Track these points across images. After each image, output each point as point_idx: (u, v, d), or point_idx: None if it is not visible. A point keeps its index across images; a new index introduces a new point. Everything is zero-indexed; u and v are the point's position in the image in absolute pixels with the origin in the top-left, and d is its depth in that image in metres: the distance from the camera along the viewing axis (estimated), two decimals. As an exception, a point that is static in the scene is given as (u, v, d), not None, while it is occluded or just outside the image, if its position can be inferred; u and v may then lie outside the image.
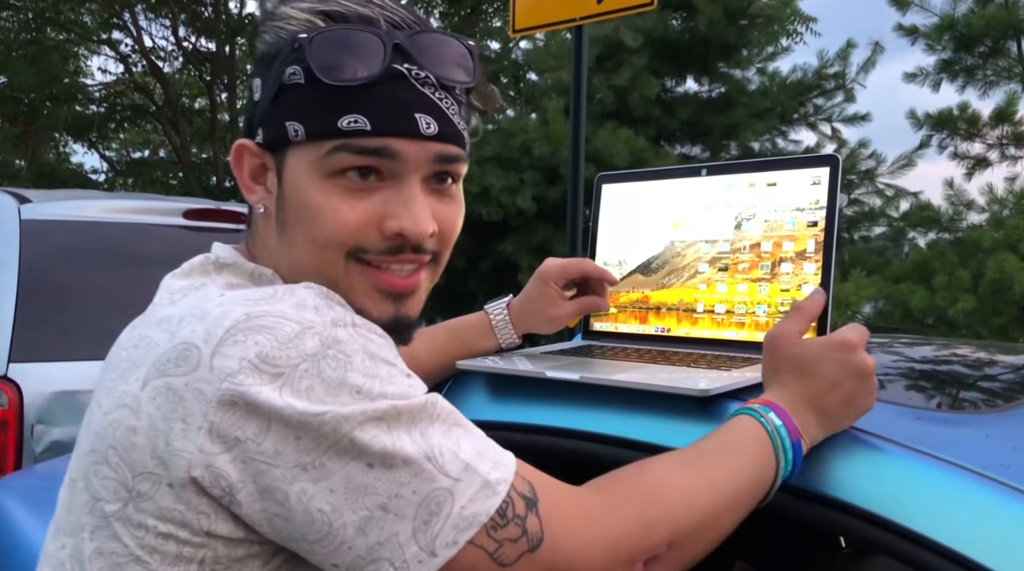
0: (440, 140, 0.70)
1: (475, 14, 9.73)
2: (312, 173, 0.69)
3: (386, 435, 0.61)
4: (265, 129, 0.72)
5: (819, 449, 0.78)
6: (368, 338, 0.64)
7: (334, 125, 0.68)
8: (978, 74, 5.58)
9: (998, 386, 1.14)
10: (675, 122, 5.88)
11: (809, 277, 0.98)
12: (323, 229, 0.69)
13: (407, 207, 0.70)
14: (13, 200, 2.73)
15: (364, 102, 0.67)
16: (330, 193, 0.69)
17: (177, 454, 0.60)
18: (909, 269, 4.85)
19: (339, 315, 0.64)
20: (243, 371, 0.60)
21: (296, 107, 0.69)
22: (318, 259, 0.71)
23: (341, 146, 0.68)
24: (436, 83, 0.70)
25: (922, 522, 0.68)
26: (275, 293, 0.65)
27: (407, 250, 0.71)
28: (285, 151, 0.71)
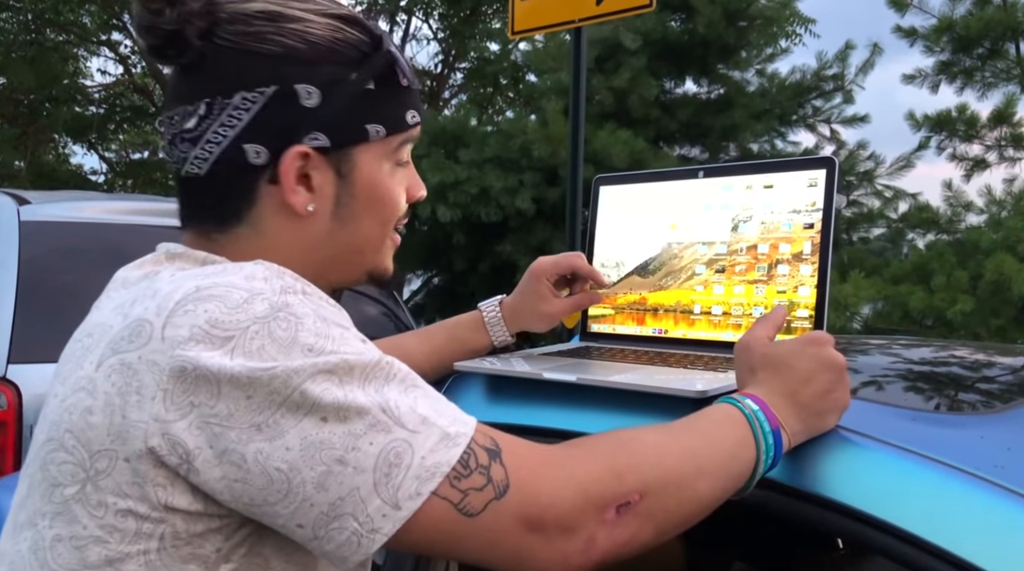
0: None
1: (474, 15, 9.73)
2: (384, 164, 0.78)
3: (338, 388, 0.61)
4: (332, 133, 0.74)
5: (814, 450, 0.79)
6: (319, 304, 0.66)
7: (404, 121, 0.79)
8: (976, 75, 5.58)
9: (995, 387, 1.14)
10: (674, 123, 5.88)
11: (805, 279, 0.98)
12: (391, 209, 0.80)
13: (416, 179, 0.84)
14: (12, 201, 2.73)
15: (415, 99, 0.80)
16: (395, 178, 0.80)
17: (134, 426, 0.61)
18: (908, 270, 4.86)
19: (288, 284, 0.66)
20: (193, 338, 0.61)
21: (376, 110, 0.76)
22: (380, 233, 0.81)
23: (407, 138, 0.80)
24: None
25: (916, 523, 0.69)
26: (224, 268, 0.67)
27: (409, 214, 0.83)
28: (350, 151, 0.76)
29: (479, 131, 5.87)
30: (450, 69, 10.48)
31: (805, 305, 0.98)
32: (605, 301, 1.18)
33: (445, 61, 10.34)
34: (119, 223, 2.79)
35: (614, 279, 1.17)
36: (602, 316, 1.18)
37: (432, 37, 10.31)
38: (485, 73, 9.10)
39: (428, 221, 5.57)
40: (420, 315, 6.06)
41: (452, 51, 10.14)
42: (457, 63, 10.43)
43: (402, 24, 10.20)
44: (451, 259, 5.70)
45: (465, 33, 9.50)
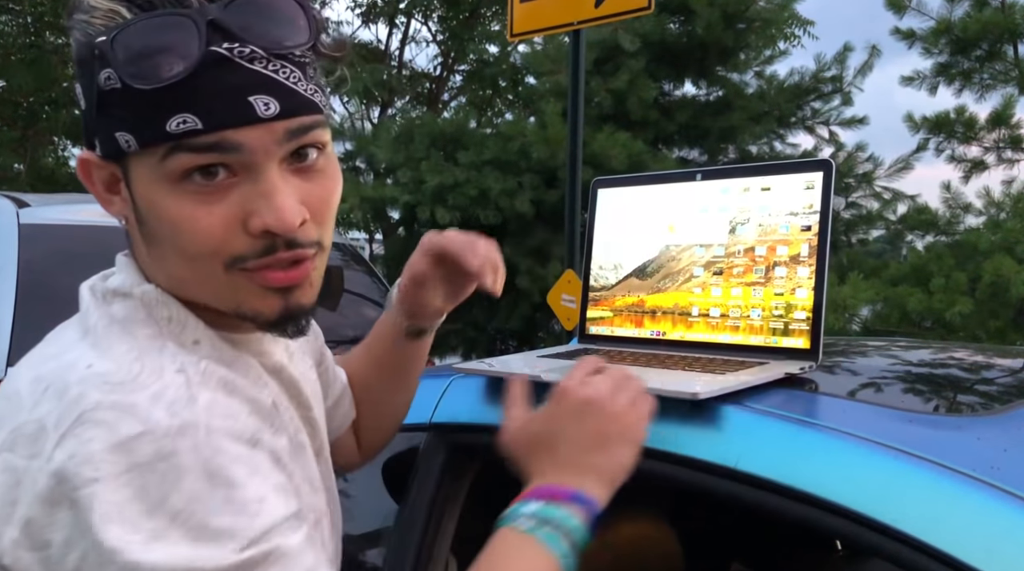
0: (285, 117, 0.62)
1: (473, 18, 9.74)
2: (157, 183, 0.62)
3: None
4: (101, 141, 0.64)
5: (812, 451, 0.79)
6: (218, 449, 0.58)
7: (163, 130, 0.59)
8: (975, 77, 5.59)
9: (992, 389, 1.14)
10: (673, 125, 5.89)
11: (803, 281, 0.99)
12: (189, 241, 0.63)
13: (267, 200, 0.62)
14: (12, 204, 2.74)
15: (189, 98, 0.59)
16: (182, 201, 0.61)
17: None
18: (907, 272, 4.86)
19: (194, 417, 0.58)
20: (71, 473, 0.55)
21: (121, 116, 0.61)
22: (195, 272, 0.65)
23: (175, 147, 0.60)
24: (267, 55, 0.61)
25: (912, 524, 0.69)
26: (139, 375, 0.60)
27: (280, 248, 0.63)
28: (126, 161, 0.63)
29: (478, 133, 5.88)
30: (449, 71, 10.49)
31: (803, 307, 0.98)
32: (604, 303, 1.18)
33: (444, 63, 10.34)
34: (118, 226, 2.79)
35: (612, 282, 1.18)
36: (600, 318, 1.18)
37: (431, 39, 10.32)
38: (484, 75, 9.11)
39: (427, 223, 5.57)
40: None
41: (451, 53, 10.15)
42: (456, 65, 10.44)
43: (401, 26, 10.21)
44: (451, 261, 5.69)
45: (464, 35, 9.51)
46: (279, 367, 0.75)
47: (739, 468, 0.80)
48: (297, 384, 0.77)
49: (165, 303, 0.67)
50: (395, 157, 5.68)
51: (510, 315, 5.53)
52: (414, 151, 5.63)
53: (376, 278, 3.78)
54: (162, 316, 0.66)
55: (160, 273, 0.68)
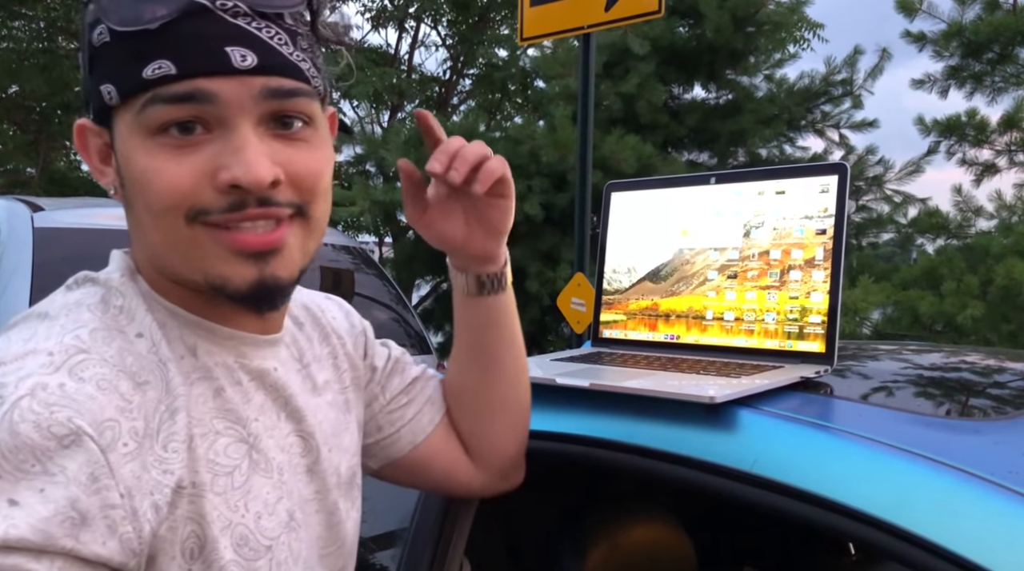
0: (264, 73, 0.61)
1: (483, 22, 9.76)
2: (135, 136, 0.62)
3: None
4: (91, 101, 0.64)
5: (828, 455, 0.79)
6: (17, 430, 0.53)
7: (140, 76, 0.60)
8: (986, 80, 5.57)
9: (1007, 393, 1.14)
10: (682, 129, 5.89)
11: (818, 284, 0.99)
12: (154, 195, 0.61)
13: (238, 155, 0.61)
14: (26, 208, 2.76)
15: (167, 45, 0.59)
16: (155, 154, 0.61)
17: None
18: (917, 275, 4.84)
19: (9, 391, 0.55)
20: None
21: (107, 68, 0.62)
22: (160, 230, 0.63)
23: (152, 98, 0.60)
24: (250, 12, 0.61)
25: (930, 528, 0.69)
26: (21, 355, 0.58)
27: (251, 204, 0.62)
28: (112, 120, 0.63)
29: (487, 137, 5.88)
30: (458, 75, 10.51)
31: (818, 311, 0.98)
32: (617, 307, 1.18)
33: (453, 67, 10.36)
34: (131, 229, 2.81)
35: (626, 285, 1.18)
36: (614, 322, 1.19)
37: (441, 43, 10.35)
38: (493, 79, 9.11)
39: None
40: (429, 321, 6.06)
41: (460, 57, 10.17)
42: (465, 69, 10.46)
43: (411, 31, 10.24)
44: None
45: (473, 39, 9.52)
46: (261, 372, 0.71)
47: (755, 472, 0.80)
48: (286, 391, 0.73)
49: (122, 292, 0.66)
50: (405, 161, 5.68)
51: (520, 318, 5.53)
52: (424, 155, 5.63)
53: (387, 281, 3.79)
54: (115, 304, 0.65)
55: (138, 244, 0.67)
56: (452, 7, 9.54)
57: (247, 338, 0.70)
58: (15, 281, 2.50)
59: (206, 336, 0.68)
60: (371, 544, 1.25)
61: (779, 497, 0.79)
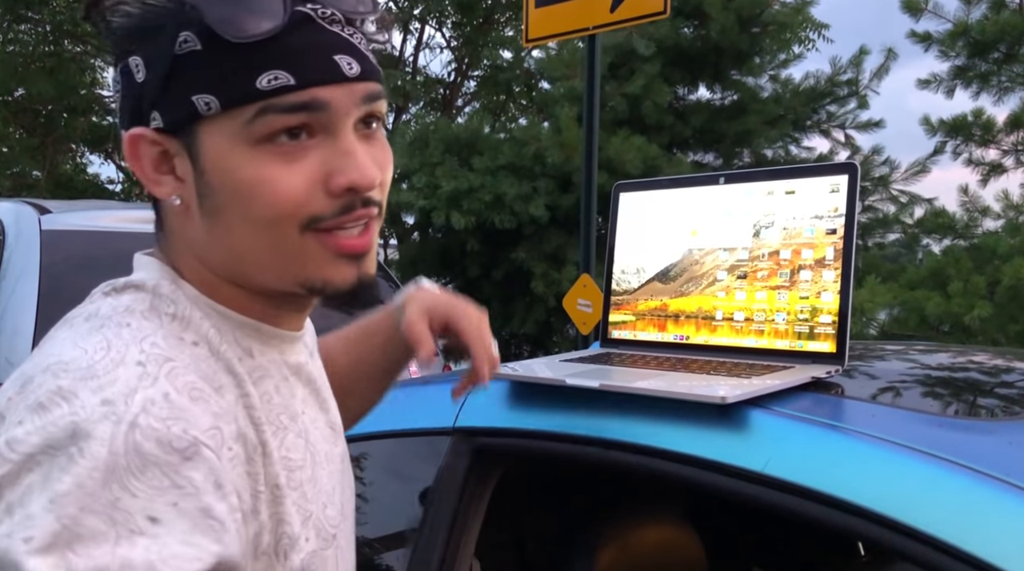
0: (364, 79, 0.63)
1: (487, 24, 9.76)
2: (236, 146, 0.61)
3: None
4: (164, 111, 0.62)
5: (840, 455, 0.79)
6: (134, 448, 0.53)
7: (252, 87, 0.59)
8: (992, 80, 5.55)
9: (1015, 393, 1.13)
10: (688, 129, 5.89)
11: (828, 284, 0.98)
12: (266, 206, 0.61)
13: (349, 159, 0.62)
14: (34, 211, 2.77)
15: (278, 55, 0.59)
16: (263, 164, 0.61)
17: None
18: (924, 275, 4.83)
19: (123, 409, 0.54)
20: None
21: (201, 77, 0.60)
22: (267, 240, 0.63)
23: (265, 108, 0.59)
24: (343, 19, 0.63)
25: (944, 528, 0.68)
26: (98, 364, 0.57)
27: (358, 206, 0.63)
28: (194, 130, 0.62)
29: (492, 138, 5.89)
30: (463, 77, 10.52)
31: (828, 311, 0.98)
32: (626, 307, 1.18)
33: (458, 69, 10.37)
34: (138, 232, 2.81)
35: (635, 286, 1.17)
36: (623, 322, 1.18)
37: (445, 45, 10.36)
38: (498, 81, 9.12)
39: (442, 228, 5.58)
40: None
41: (465, 59, 10.18)
42: (470, 71, 10.46)
43: (415, 32, 10.25)
44: (465, 266, 5.71)
45: (478, 41, 9.53)
46: (299, 366, 0.73)
47: (767, 472, 0.80)
48: (316, 383, 0.75)
49: (173, 300, 0.65)
50: (410, 162, 5.70)
51: (525, 319, 5.53)
52: (429, 156, 5.65)
53: (392, 282, 3.80)
54: (166, 312, 0.64)
55: (217, 252, 0.65)
56: (457, 9, 9.55)
57: (286, 336, 0.71)
58: (23, 283, 2.51)
59: (255, 336, 0.69)
60: (377, 545, 1.25)
61: (791, 497, 0.78)
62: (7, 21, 9.34)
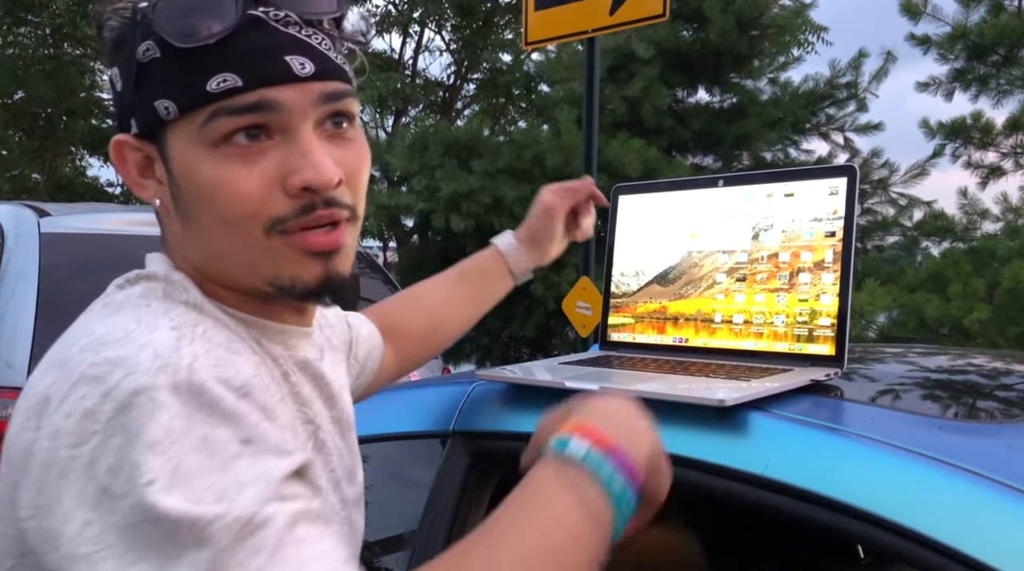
0: (320, 78, 0.64)
1: (486, 27, 9.77)
2: (196, 149, 0.63)
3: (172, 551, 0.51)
4: (138, 117, 0.65)
5: (840, 457, 0.78)
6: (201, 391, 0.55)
7: (203, 90, 0.61)
8: (991, 83, 5.56)
9: (1016, 396, 1.13)
10: (687, 132, 5.89)
11: (827, 287, 0.98)
12: (227, 206, 0.63)
13: (306, 158, 0.63)
14: (33, 213, 2.77)
15: (228, 58, 0.61)
16: (221, 165, 0.63)
17: (20, 508, 0.56)
18: (924, 278, 4.83)
19: (178, 360, 0.56)
20: (68, 433, 0.54)
21: (160, 84, 0.63)
22: (233, 239, 0.64)
23: (217, 110, 0.61)
24: (299, 20, 0.64)
25: (944, 531, 0.68)
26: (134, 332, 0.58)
27: (319, 206, 0.64)
28: (163, 135, 0.64)
29: (492, 141, 5.89)
30: (463, 80, 10.53)
31: (827, 313, 0.98)
32: (625, 310, 1.18)
33: (458, 72, 10.39)
34: (137, 234, 2.82)
35: (634, 288, 1.17)
36: (622, 325, 1.18)
37: (445, 48, 10.37)
38: (498, 83, 9.14)
39: (442, 231, 5.58)
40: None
41: (465, 62, 10.19)
42: (470, 74, 10.48)
43: (415, 35, 10.27)
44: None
45: (478, 44, 9.54)
46: (305, 362, 0.74)
47: (767, 475, 0.80)
48: (325, 379, 0.76)
49: (186, 288, 0.67)
50: (409, 165, 5.70)
51: (524, 322, 5.53)
52: (428, 159, 5.66)
53: (392, 285, 3.79)
54: (180, 298, 0.66)
55: (195, 252, 0.68)
56: (456, 12, 9.56)
57: (292, 331, 0.73)
58: (22, 286, 2.51)
59: (260, 332, 0.70)
60: (376, 548, 1.25)
61: (792, 500, 0.78)
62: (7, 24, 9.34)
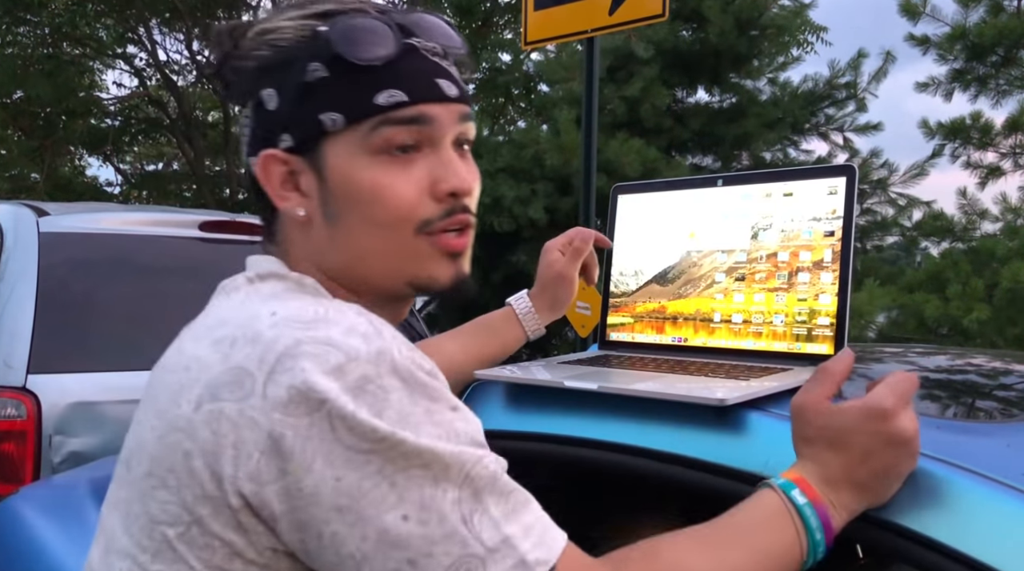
0: (460, 101, 0.75)
1: (486, 26, 9.77)
2: (358, 156, 0.71)
3: (430, 486, 0.60)
4: (294, 131, 0.73)
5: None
6: (411, 371, 0.63)
7: (371, 103, 0.70)
8: (991, 83, 5.56)
9: (1015, 395, 1.13)
10: (686, 132, 5.89)
11: (826, 287, 0.98)
12: (386, 209, 0.72)
13: (450, 168, 0.74)
14: (31, 213, 2.76)
15: (393, 77, 0.71)
16: (380, 172, 0.72)
17: (230, 479, 0.61)
18: (923, 278, 4.83)
19: (385, 345, 0.63)
20: (292, 401, 0.60)
21: (327, 99, 0.71)
22: (385, 239, 0.73)
23: (383, 121, 0.71)
24: (442, 52, 0.75)
25: (942, 531, 0.68)
26: (327, 315, 0.65)
27: (459, 210, 0.74)
28: (319, 147, 0.72)
29: (491, 141, 5.89)
30: (462, 80, 10.50)
31: (826, 313, 0.98)
32: (624, 310, 1.18)
33: (457, 72, 10.36)
34: (136, 234, 2.81)
35: (633, 288, 1.18)
36: (621, 325, 1.18)
37: (444, 48, 10.34)
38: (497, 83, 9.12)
39: (441, 231, 5.56)
40: (434, 325, 6.06)
41: (464, 62, 10.16)
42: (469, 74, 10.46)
43: (414, 35, 10.25)
44: (463, 269, 5.70)
45: (477, 44, 9.53)
46: None
47: (766, 475, 0.80)
48: None
49: (317, 289, 0.73)
50: (409, 165, 5.69)
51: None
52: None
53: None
54: (310, 293, 0.72)
55: (336, 256, 0.74)
56: (455, 12, 9.55)
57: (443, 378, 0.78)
58: (21, 285, 2.50)
59: None
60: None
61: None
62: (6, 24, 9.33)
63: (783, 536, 0.70)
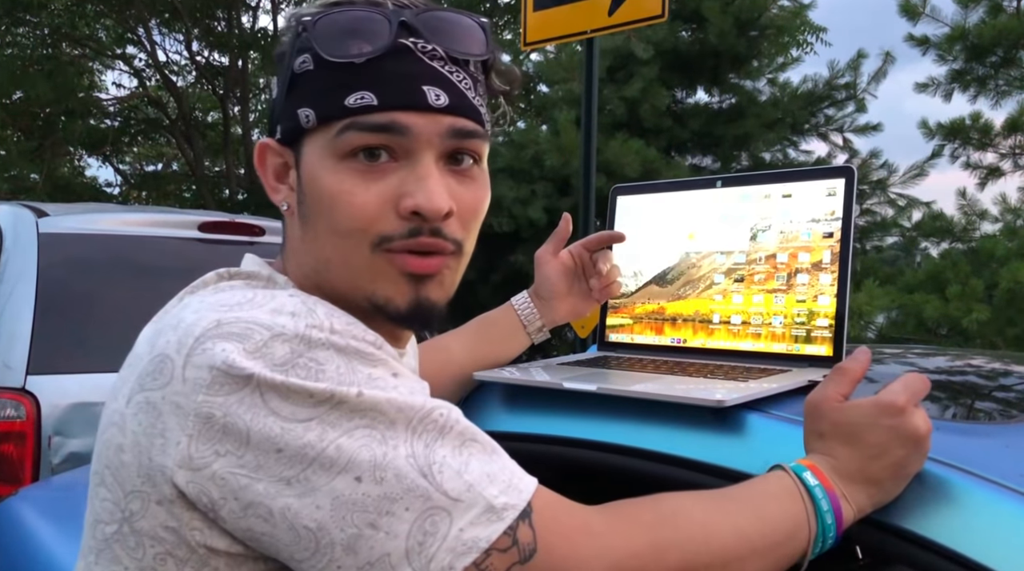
0: (451, 113, 0.67)
1: (485, 27, 9.77)
2: (325, 158, 0.67)
3: (378, 445, 0.57)
4: (282, 124, 0.70)
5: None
6: (348, 342, 0.61)
7: (341, 104, 0.66)
8: (990, 83, 5.56)
9: (1014, 396, 1.13)
10: (686, 133, 5.89)
11: (825, 288, 0.98)
12: (342, 216, 0.67)
13: (421, 183, 0.66)
14: (31, 213, 2.76)
15: (370, 78, 0.66)
16: (343, 177, 0.66)
17: (160, 470, 0.58)
18: (922, 279, 4.83)
19: (317, 320, 0.61)
20: (216, 382, 0.57)
21: (307, 93, 0.68)
22: (342, 249, 0.68)
23: (349, 125, 0.66)
24: (445, 56, 0.68)
25: (941, 532, 0.68)
26: (253, 298, 0.63)
27: (425, 233, 0.67)
28: (301, 142, 0.69)
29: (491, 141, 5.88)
30: (461, 80, 10.51)
31: (825, 314, 0.98)
32: (623, 311, 1.18)
33: (456, 72, 10.37)
34: (136, 235, 2.81)
35: (632, 289, 1.18)
36: (620, 326, 1.18)
37: (443, 48, 10.35)
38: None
39: (440, 231, 5.56)
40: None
41: (463, 62, 10.17)
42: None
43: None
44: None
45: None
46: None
47: (764, 476, 0.80)
48: None
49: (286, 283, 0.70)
50: (408, 166, 5.69)
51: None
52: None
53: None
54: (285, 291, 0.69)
55: (308, 259, 0.71)
56: (455, 12, 9.56)
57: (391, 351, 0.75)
58: (20, 286, 2.50)
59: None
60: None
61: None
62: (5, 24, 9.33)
63: (792, 511, 0.68)
